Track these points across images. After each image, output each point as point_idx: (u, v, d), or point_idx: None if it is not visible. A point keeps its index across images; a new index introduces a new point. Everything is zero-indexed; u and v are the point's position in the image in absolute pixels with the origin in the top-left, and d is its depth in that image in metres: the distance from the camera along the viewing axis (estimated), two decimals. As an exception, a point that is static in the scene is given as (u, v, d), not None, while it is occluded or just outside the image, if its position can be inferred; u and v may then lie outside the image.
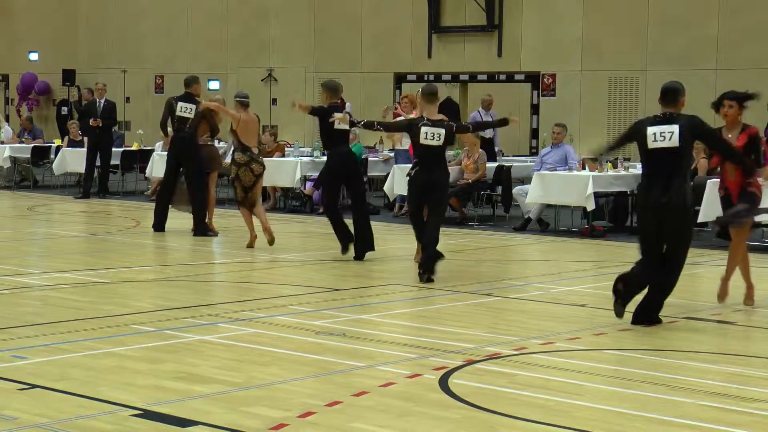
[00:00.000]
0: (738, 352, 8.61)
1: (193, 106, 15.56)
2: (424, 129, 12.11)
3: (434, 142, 12.11)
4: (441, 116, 12.36)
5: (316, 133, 25.55)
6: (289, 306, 10.11)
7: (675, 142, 9.38)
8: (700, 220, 14.28)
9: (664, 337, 9.13)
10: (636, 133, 9.67)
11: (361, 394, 6.87)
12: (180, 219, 15.86)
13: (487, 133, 21.20)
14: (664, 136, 9.41)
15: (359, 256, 13.40)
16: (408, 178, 12.53)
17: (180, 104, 15.65)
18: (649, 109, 22.59)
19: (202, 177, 15.47)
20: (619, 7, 23.30)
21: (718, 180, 10.91)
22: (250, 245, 14.18)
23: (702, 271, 12.97)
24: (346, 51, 26.75)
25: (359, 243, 13.44)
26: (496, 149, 21.83)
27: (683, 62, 22.20)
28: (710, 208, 14.03)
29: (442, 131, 12.12)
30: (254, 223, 14.30)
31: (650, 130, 9.50)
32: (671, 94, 9.60)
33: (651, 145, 9.46)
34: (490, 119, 20.96)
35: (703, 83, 20.40)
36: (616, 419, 6.47)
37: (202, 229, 15.27)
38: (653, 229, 9.55)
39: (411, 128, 12.34)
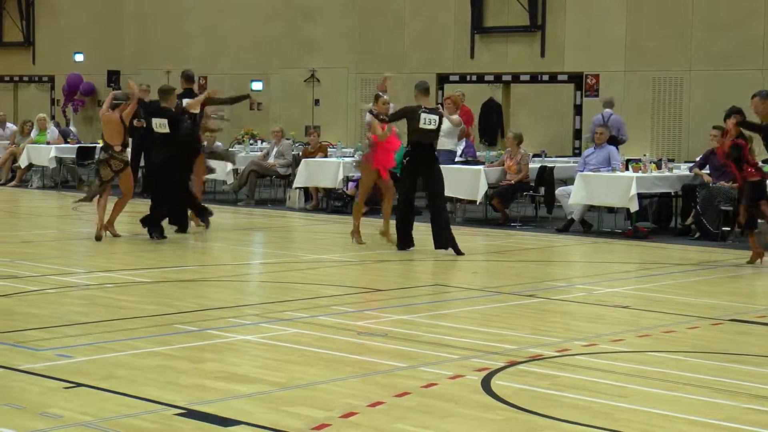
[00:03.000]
0: (783, 355, 8.54)
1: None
2: (423, 116, 13.77)
3: (431, 127, 13.89)
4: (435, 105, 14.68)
5: (358, 133, 25.72)
6: (331, 306, 10.13)
7: None
8: None
9: (708, 339, 9.07)
10: None
11: (403, 395, 6.87)
12: (218, 217, 15.91)
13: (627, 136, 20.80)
14: None
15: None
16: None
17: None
18: (693, 109, 22.49)
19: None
20: (663, 7, 23.12)
21: None
22: (99, 237, 14.77)
23: (748, 273, 12.88)
24: (388, 51, 26.73)
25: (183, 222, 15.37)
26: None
27: (728, 63, 22.02)
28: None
29: (437, 117, 13.91)
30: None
31: None
32: None
33: None
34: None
35: (749, 84, 20.21)
36: (659, 422, 6.43)
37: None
38: None
39: (412, 115, 13.85)
